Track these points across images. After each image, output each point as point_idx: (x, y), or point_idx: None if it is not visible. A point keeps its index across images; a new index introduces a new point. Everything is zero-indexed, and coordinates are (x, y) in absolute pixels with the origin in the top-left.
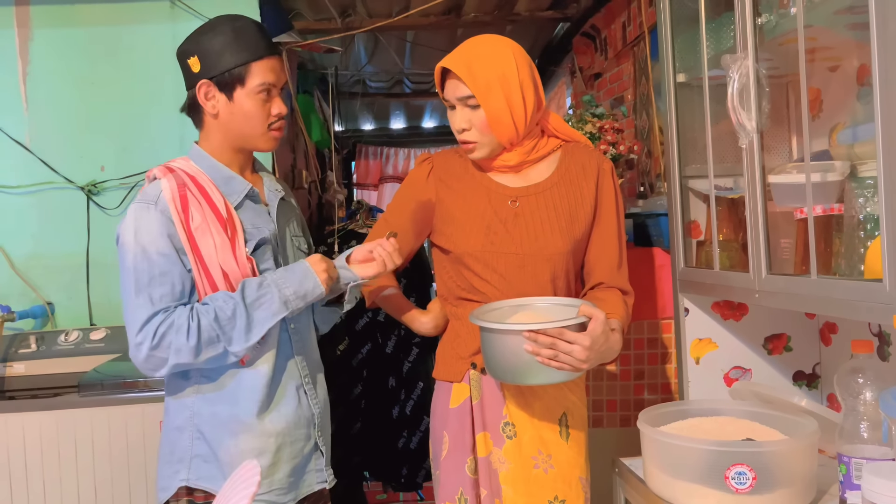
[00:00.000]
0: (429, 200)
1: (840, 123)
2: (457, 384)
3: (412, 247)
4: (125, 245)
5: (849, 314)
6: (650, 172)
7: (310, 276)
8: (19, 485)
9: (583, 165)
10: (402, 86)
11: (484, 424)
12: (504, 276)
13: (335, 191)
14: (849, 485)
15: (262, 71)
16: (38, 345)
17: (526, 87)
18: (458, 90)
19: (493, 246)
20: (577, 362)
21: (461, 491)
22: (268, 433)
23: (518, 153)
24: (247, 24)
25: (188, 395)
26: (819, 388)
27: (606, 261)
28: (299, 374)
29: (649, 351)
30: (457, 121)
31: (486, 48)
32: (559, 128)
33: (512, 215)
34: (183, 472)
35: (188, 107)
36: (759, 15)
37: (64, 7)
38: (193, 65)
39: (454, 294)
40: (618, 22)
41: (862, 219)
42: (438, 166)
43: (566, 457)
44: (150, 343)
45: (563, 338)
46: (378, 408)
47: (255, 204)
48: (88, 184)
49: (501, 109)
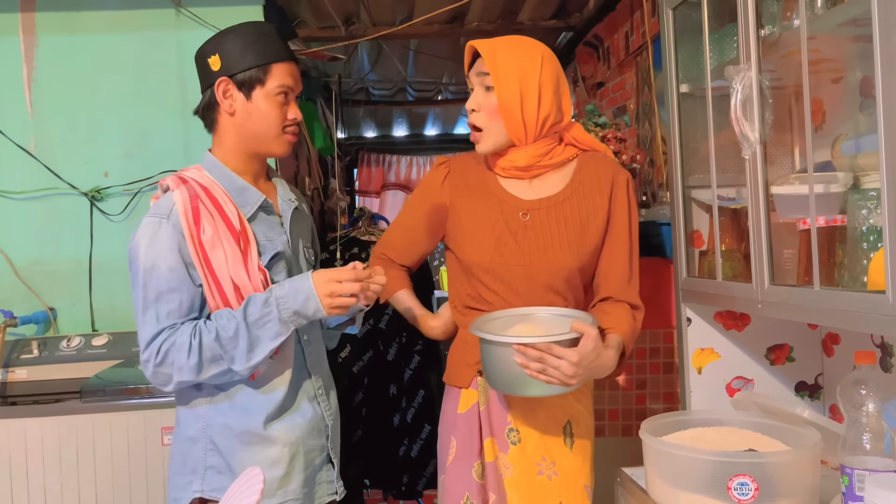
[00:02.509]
0: (443, 205)
1: (843, 134)
2: (465, 390)
3: (425, 249)
4: (137, 260)
5: (851, 325)
6: (652, 182)
7: (312, 299)
8: (21, 490)
9: (598, 177)
10: (405, 94)
11: (491, 430)
12: (511, 286)
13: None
14: (851, 496)
15: (282, 74)
16: (40, 350)
17: (545, 91)
18: (479, 67)
19: (501, 258)
20: (564, 377)
21: (467, 496)
22: (282, 443)
23: (528, 154)
24: (270, 29)
25: (200, 405)
26: (821, 399)
27: (616, 274)
28: (313, 385)
29: (651, 360)
30: (469, 102)
31: (518, 41)
32: (579, 137)
33: (522, 228)
34: (196, 483)
35: (203, 107)
36: (763, 26)
37: (69, 14)
38: (213, 63)
39: (463, 302)
40: (620, 31)
41: (865, 230)
42: (455, 172)
43: (570, 465)
44: (154, 360)
45: (552, 352)
46: (379, 415)
47: (268, 215)
48: (92, 190)
49: (513, 99)
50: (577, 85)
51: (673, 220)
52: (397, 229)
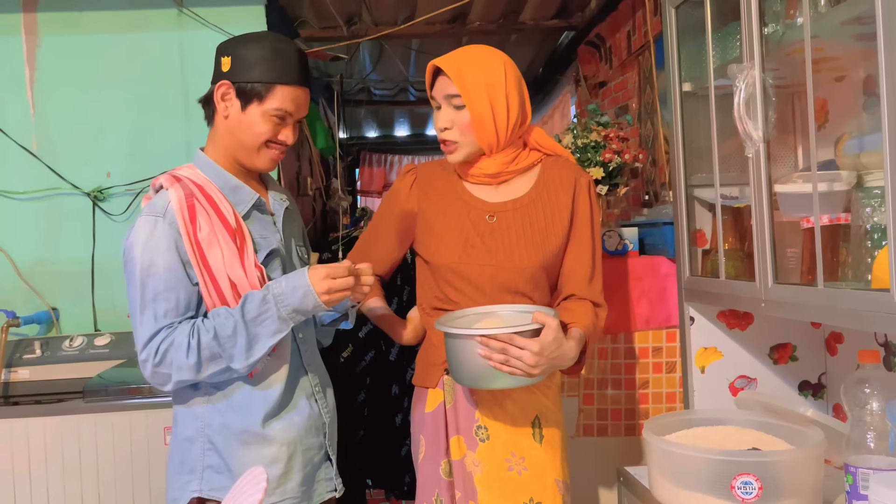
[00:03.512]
0: (411, 210)
1: (846, 133)
2: (432, 389)
3: (396, 256)
4: (133, 259)
5: (855, 324)
6: (655, 181)
7: (310, 296)
8: (23, 490)
9: (561, 179)
10: (406, 93)
11: (458, 428)
12: (478, 286)
13: (339, 198)
14: (855, 495)
15: (284, 97)
16: (42, 350)
17: (511, 98)
18: (446, 88)
19: (469, 258)
20: (527, 367)
21: (437, 493)
22: (280, 442)
23: (497, 162)
24: (288, 48)
25: (197, 404)
26: (825, 398)
27: (579, 273)
28: (310, 383)
29: (654, 360)
30: (440, 120)
31: (478, 54)
32: (541, 142)
33: (489, 230)
34: (194, 482)
35: (205, 100)
36: (766, 25)
37: (71, 14)
38: (224, 63)
39: (430, 304)
40: (622, 31)
41: (869, 228)
42: (421, 178)
43: (540, 459)
44: (153, 360)
45: (514, 343)
46: (381, 415)
47: (261, 214)
48: (94, 190)
49: (484, 113)
50: (578, 85)
51: (676, 219)
52: (368, 239)
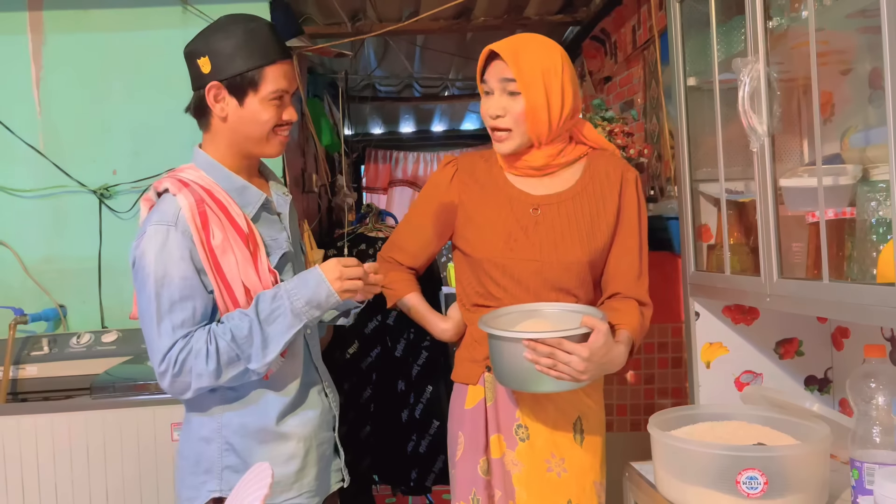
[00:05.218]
0: (451, 203)
1: (852, 127)
2: (472, 386)
3: (433, 249)
4: (146, 269)
5: (861, 318)
6: (660, 176)
7: (323, 284)
8: (31, 486)
9: (607, 174)
10: (411, 90)
11: (498, 426)
12: (521, 282)
13: (345, 194)
14: (861, 490)
15: (275, 77)
16: (50, 347)
17: (566, 89)
18: (501, 72)
19: (512, 252)
20: (575, 373)
21: (474, 491)
22: (297, 438)
23: (544, 154)
24: (259, 26)
25: (213, 406)
26: (831, 393)
27: (625, 271)
28: (319, 377)
29: (660, 355)
30: (492, 107)
31: (535, 41)
32: (588, 135)
33: (533, 223)
34: (211, 482)
35: (195, 108)
36: (771, 18)
37: (77, 12)
38: (203, 65)
39: (471, 300)
40: (628, 26)
41: (874, 222)
42: (462, 169)
43: (580, 461)
44: (172, 371)
45: (562, 348)
46: (387, 411)
47: (269, 215)
48: (101, 188)
49: (539, 101)
50: (584, 80)
51: (681, 214)
52: (404, 231)
